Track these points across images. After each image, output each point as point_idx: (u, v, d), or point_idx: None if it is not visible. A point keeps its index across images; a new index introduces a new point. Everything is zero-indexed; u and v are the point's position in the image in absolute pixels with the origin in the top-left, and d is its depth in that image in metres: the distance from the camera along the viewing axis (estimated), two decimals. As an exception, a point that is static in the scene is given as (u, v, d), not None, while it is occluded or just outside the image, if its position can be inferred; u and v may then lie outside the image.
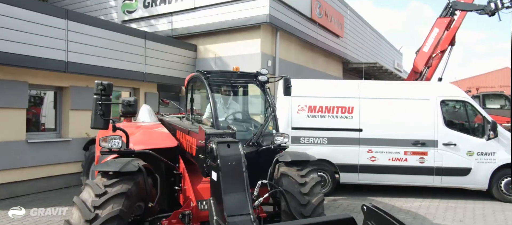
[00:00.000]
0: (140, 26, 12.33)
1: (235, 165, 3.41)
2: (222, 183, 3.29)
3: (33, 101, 8.48)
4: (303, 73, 12.33)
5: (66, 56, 7.77)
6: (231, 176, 3.36)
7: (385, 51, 22.97)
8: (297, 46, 12.42)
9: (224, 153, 3.43)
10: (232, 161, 3.42)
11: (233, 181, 3.35)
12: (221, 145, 3.47)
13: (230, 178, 3.35)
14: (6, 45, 6.86)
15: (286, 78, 5.38)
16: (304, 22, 12.09)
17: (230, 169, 3.38)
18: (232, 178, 3.36)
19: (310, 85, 8.25)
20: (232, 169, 3.39)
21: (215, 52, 11.25)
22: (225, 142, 3.52)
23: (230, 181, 3.34)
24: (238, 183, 3.35)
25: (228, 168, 3.37)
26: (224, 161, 3.38)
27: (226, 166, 3.36)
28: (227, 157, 3.41)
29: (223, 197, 3.23)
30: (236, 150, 3.51)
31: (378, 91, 8.04)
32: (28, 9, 7.16)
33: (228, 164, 3.38)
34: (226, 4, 10.62)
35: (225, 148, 3.48)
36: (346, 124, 7.83)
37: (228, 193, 3.27)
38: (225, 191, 3.27)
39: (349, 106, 7.87)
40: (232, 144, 3.54)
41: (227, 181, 3.33)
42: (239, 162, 3.43)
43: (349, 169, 7.83)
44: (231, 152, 3.47)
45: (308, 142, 7.84)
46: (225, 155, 3.42)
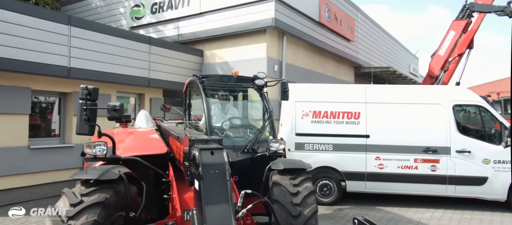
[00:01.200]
0: (148, 32, 12.36)
1: (218, 173, 3.20)
2: (203, 193, 3.08)
3: (44, 107, 8.54)
4: (312, 78, 12.06)
5: (69, 62, 7.77)
6: (213, 185, 3.15)
7: (400, 55, 22.42)
8: (305, 50, 12.17)
9: (206, 160, 3.22)
10: (215, 169, 3.21)
11: (215, 191, 3.14)
12: (204, 152, 3.27)
13: (213, 188, 3.14)
14: (8, 51, 6.90)
15: (283, 82, 5.17)
16: (312, 26, 11.85)
17: (213, 178, 3.17)
18: (214, 188, 3.14)
19: (314, 89, 7.99)
20: (215, 178, 3.17)
21: (221, 57, 11.13)
22: (208, 149, 3.31)
23: (212, 190, 3.13)
24: (221, 193, 3.14)
25: (211, 177, 3.16)
26: (206, 169, 3.17)
27: (208, 175, 3.16)
28: (209, 165, 3.20)
29: (203, 207, 3.02)
30: (220, 157, 3.30)
31: (386, 95, 7.70)
32: (31, 15, 7.20)
33: (211, 173, 3.17)
34: (231, 9, 10.50)
35: (208, 155, 3.27)
36: (352, 130, 7.51)
37: (210, 204, 3.06)
38: (207, 201, 3.06)
39: (355, 111, 7.56)
40: (216, 151, 3.33)
41: (209, 190, 3.12)
42: (222, 170, 3.22)
43: (356, 177, 7.50)
44: (214, 160, 3.26)
45: (312, 148, 7.57)
46: (208, 162, 3.21)
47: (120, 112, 3.97)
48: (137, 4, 12.65)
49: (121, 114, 3.98)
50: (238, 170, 4.77)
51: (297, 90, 7.90)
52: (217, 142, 3.60)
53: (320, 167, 7.55)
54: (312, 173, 7.42)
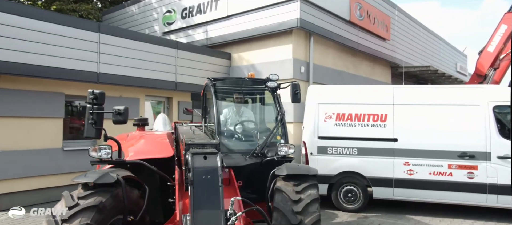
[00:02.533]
0: (178, 37, 12.66)
1: (210, 179, 3.12)
2: (193, 198, 3.02)
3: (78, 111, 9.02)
4: (343, 79, 11.65)
5: (98, 68, 8.12)
6: (204, 190, 3.07)
7: (445, 53, 21.04)
8: (335, 50, 11.79)
9: (198, 165, 3.16)
10: (207, 174, 3.13)
11: (206, 196, 3.06)
12: (197, 157, 3.21)
13: (203, 193, 3.07)
14: (44, 59, 7.35)
15: (294, 84, 4.99)
16: (342, 25, 11.45)
17: (204, 183, 3.09)
18: (205, 193, 3.07)
19: (338, 91, 7.68)
20: (207, 183, 3.10)
21: (248, 60, 11.10)
22: (201, 154, 3.24)
23: (203, 196, 3.05)
24: (211, 199, 3.05)
25: (202, 182, 3.09)
26: (198, 174, 3.11)
27: (199, 180, 3.09)
28: (201, 170, 3.13)
29: (193, 214, 2.96)
30: (213, 162, 3.21)
31: (416, 96, 7.21)
32: (63, 24, 7.62)
33: (202, 178, 3.10)
34: (257, 11, 10.44)
35: (200, 160, 3.21)
36: (378, 133, 7.11)
37: (200, 210, 2.98)
38: (197, 207, 2.99)
39: (382, 113, 7.16)
40: (210, 156, 3.25)
41: (200, 196, 3.05)
42: (214, 175, 3.13)
43: (383, 183, 7.08)
44: (207, 164, 3.19)
45: (336, 152, 7.26)
46: (199, 167, 3.15)
47: (124, 116, 4.03)
48: (169, 10, 13.00)
49: (125, 118, 4.04)
50: (247, 175, 4.68)
51: (320, 91, 7.67)
52: (213, 147, 3.52)
53: (344, 172, 7.23)
54: (336, 178, 7.18)
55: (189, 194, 3.12)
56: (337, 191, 7.28)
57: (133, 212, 3.62)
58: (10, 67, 6.90)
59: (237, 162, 4.48)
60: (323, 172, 7.26)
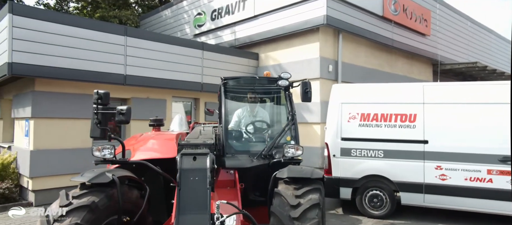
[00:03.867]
0: (208, 39, 12.81)
1: (198, 180, 3.01)
2: (178, 201, 2.93)
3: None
4: (376, 78, 11.08)
5: (125, 70, 8.40)
6: (191, 193, 2.97)
7: (496, 48, 19.35)
8: (367, 48, 11.25)
9: (186, 166, 3.07)
10: (195, 176, 3.02)
11: (193, 199, 2.96)
12: (186, 157, 3.12)
13: (190, 195, 2.97)
14: (77, 63, 7.73)
15: (304, 82, 4.76)
16: (374, 21, 10.90)
17: (191, 185, 2.99)
18: (192, 196, 2.96)
19: (362, 90, 7.28)
20: (194, 186, 2.99)
21: (276, 59, 10.93)
22: (191, 154, 3.15)
23: (189, 198, 2.95)
24: (198, 202, 2.94)
25: (189, 184, 2.99)
26: (185, 175, 3.01)
27: (186, 181, 2.99)
28: (189, 171, 3.03)
29: (178, 217, 2.87)
30: (202, 163, 3.10)
31: (450, 94, 6.62)
32: (93, 29, 7.97)
33: (190, 179, 3.00)
34: (284, 9, 10.25)
35: (189, 160, 3.11)
36: (407, 134, 6.62)
37: (185, 214, 2.88)
38: (182, 210, 2.89)
39: (410, 113, 6.66)
40: (200, 156, 3.14)
41: (186, 198, 2.95)
42: (203, 177, 3.02)
43: (412, 188, 6.58)
44: (195, 166, 3.08)
45: (360, 154, 6.87)
46: (187, 168, 3.05)
47: (126, 116, 4.05)
48: (199, 12, 13.20)
49: (127, 118, 4.06)
50: (255, 177, 4.53)
51: (343, 90, 7.31)
52: (207, 147, 3.42)
53: (370, 175, 6.82)
54: (360, 182, 6.81)
55: (175, 196, 3.04)
56: (362, 196, 6.88)
57: (131, 212, 3.61)
58: (45, 71, 7.34)
59: (242, 163, 4.36)
60: (346, 175, 6.94)
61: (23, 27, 7.01)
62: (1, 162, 8.22)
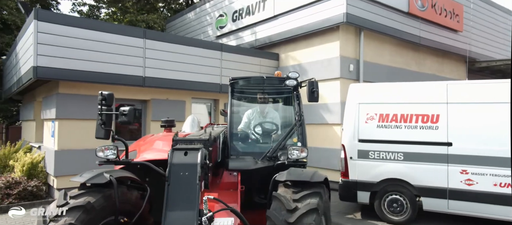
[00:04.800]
0: (229, 40, 12.84)
1: (187, 176, 2.94)
2: (167, 196, 2.87)
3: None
4: (402, 77, 10.61)
5: (144, 72, 8.56)
6: (180, 188, 2.91)
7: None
8: (392, 46, 10.79)
9: (177, 161, 3.01)
10: (185, 171, 2.96)
11: (182, 195, 2.89)
12: (177, 153, 3.07)
13: (179, 191, 2.90)
14: (98, 66, 7.98)
15: (311, 82, 4.60)
16: (399, 18, 10.43)
17: (181, 181, 2.93)
18: (181, 191, 2.90)
19: (381, 89, 6.96)
20: (183, 181, 2.93)
21: (296, 59, 10.75)
22: (182, 149, 3.09)
23: (178, 194, 2.89)
24: (187, 198, 2.86)
25: (178, 179, 2.93)
26: (175, 171, 2.96)
27: (176, 177, 2.94)
28: (179, 166, 2.98)
29: (166, 212, 2.81)
30: (193, 158, 3.03)
31: (476, 93, 6.17)
32: (112, 32, 8.19)
33: (180, 175, 2.95)
34: (303, 8, 10.06)
35: (180, 156, 3.06)
36: (428, 136, 6.25)
37: (174, 209, 2.82)
38: (170, 206, 2.84)
39: (433, 113, 6.28)
40: (191, 152, 3.08)
41: (175, 194, 2.89)
42: (193, 173, 2.94)
43: (435, 193, 6.19)
44: (186, 161, 3.02)
45: (378, 157, 6.57)
46: (177, 163, 2.99)
47: (129, 116, 4.08)
48: (221, 14, 13.27)
49: (130, 119, 4.09)
50: (260, 179, 4.43)
51: (361, 90, 7.03)
52: (201, 143, 3.35)
53: (389, 179, 6.50)
54: (379, 186, 6.51)
55: (165, 192, 2.99)
56: (381, 200, 6.58)
57: (130, 213, 3.62)
58: (68, 74, 7.62)
59: (245, 165, 4.27)
60: (364, 179, 6.67)
61: (47, 32, 7.32)
62: (31, 161, 8.64)
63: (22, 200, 7.58)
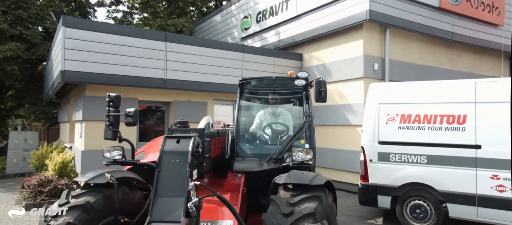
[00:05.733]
0: (254, 41, 12.83)
1: (178, 163, 2.92)
2: (156, 183, 2.85)
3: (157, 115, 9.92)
4: (433, 75, 10.03)
5: (165, 74, 8.74)
6: (170, 175, 2.88)
7: None
8: (422, 43, 10.25)
9: (168, 148, 2.99)
10: (175, 158, 2.94)
11: (171, 182, 2.87)
12: (169, 140, 3.06)
13: (169, 178, 2.88)
14: (121, 69, 8.27)
15: (318, 81, 4.42)
16: (429, 14, 9.88)
17: (172, 168, 2.91)
18: (171, 178, 2.87)
19: (403, 88, 6.60)
20: (174, 168, 2.90)
21: (319, 59, 10.51)
22: (175, 137, 3.08)
23: (168, 181, 2.87)
24: (177, 184, 2.83)
25: (169, 166, 2.91)
26: (166, 158, 2.94)
27: (166, 163, 2.91)
28: (170, 153, 2.95)
29: (154, 199, 2.80)
30: (184, 146, 2.99)
31: (507, 92, 5.67)
32: (135, 36, 8.44)
33: (170, 162, 2.92)
34: (326, 7, 9.82)
35: (172, 143, 3.04)
36: (454, 138, 5.84)
37: (163, 196, 2.80)
38: (160, 193, 2.82)
39: (459, 114, 5.86)
40: (183, 140, 3.05)
41: (165, 180, 2.87)
42: (183, 160, 2.90)
43: (462, 199, 5.76)
44: (177, 148, 2.99)
45: (400, 160, 6.24)
46: (169, 150, 2.97)
47: (134, 118, 4.12)
48: (246, 15, 13.29)
49: (135, 120, 4.13)
50: (265, 181, 4.33)
51: (381, 90, 6.72)
52: (197, 132, 3.32)
53: (411, 183, 6.14)
54: (400, 190, 6.19)
55: (154, 179, 2.98)
56: (402, 206, 6.23)
57: (132, 213, 3.66)
58: (93, 78, 7.96)
59: (251, 167, 4.19)
60: (384, 183, 6.36)
61: (73, 38, 7.68)
62: (62, 161, 9.09)
63: (53, 198, 7.99)
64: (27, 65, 15.46)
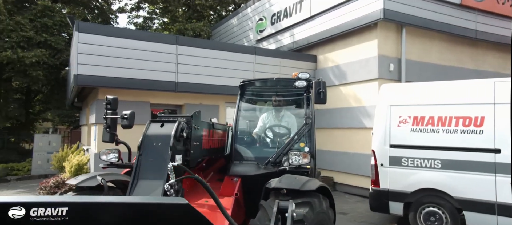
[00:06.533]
0: (269, 43, 12.73)
1: (160, 146, 2.84)
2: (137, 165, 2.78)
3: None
4: (455, 76, 9.53)
5: (176, 77, 8.78)
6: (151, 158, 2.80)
7: None
8: (441, 42, 9.79)
9: (151, 132, 2.93)
10: (158, 141, 2.86)
11: (152, 165, 2.79)
12: (153, 124, 2.99)
13: (150, 161, 2.80)
14: (133, 72, 8.37)
15: (317, 82, 4.24)
16: (449, 11, 9.44)
17: (153, 151, 2.83)
18: (152, 161, 2.79)
19: (415, 89, 6.29)
20: (155, 151, 2.82)
21: (334, 60, 10.26)
22: (159, 121, 3.01)
23: (148, 164, 2.79)
24: (156, 168, 2.75)
25: (151, 149, 2.84)
26: (148, 141, 2.87)
27: (148, 147, 2.84)
28: (152, 136, 2.88)
29: (134, 181, 2.72)
30: (168, 129, 2.91)
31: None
32: (146, 40, 8.53)
33: (152, 145, 2.85)
34: (339, 7, 9.59)
35: (156, 127, 2.98)
36: (471, 141, 5.48)
37: (143, 178, 2.73)
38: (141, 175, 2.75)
39: (476, 116, 5.49)
40: (168, 124, 2.98)
41: (146, 163, 2.80)
42: (165, 143, 2.82)
43: (480, 207, 5.39)
44: (160, 132, 2.91)
45: (412, 164, 5.93)
46: (151, 134, 2.91)
47: (130, 120, 4.11)
48: (261, 17, 13.22)
49: (131, 123, 4.11)
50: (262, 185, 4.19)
51: (393, 91, 6.43)
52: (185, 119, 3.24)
53: (425, 189, 5.82)
54: (413, 196, 5.90)
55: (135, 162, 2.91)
56: (416, 213, 5.90)
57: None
58: (105, 81, 8.11)
59: (246, 171, 4.08)
60: (396, 188, 6.07)
61: (86, 42, 7.85)
62: (77, 163, 9.31)
63: (67, 199, 8.19)
64: (52, 70, 16.06)
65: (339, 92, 9.89)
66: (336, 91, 10.01)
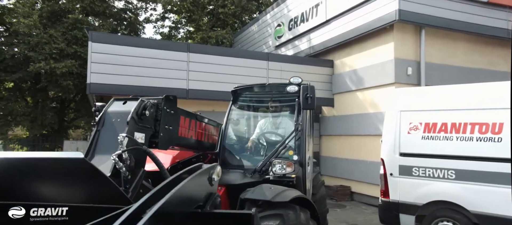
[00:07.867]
0: (287, 49, 12.55)
1: (119, 123, 2.71)
2: (96, 141, 2.67)
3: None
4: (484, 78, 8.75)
5: (187, 85, 8.82)
6: (109, 133, 2.68)
7: None
8: (468, 43, 9.15)
9: (113, 108, 2.82)
10: (117, 118, 2.74)
11: (108, 140, 2.66)
12: (117, 101, 2.89)
13: (107, 136, 2.69)
14: (143, 80, 8.51)
15: (305, 86, 4.03)
16: (475, 10, 8.80)
17: (112, 127, 2.69)
18: (109, 137, 2.67)
19: (427, 93, 5.86)
20: (113, 127, 2.69)
21: (350, 65, 9.90)
22: (122, 99, 2.91)
23: (106, 139, 2.68)
24: (112, 143, 2.62)
25: (109, 125, 2.70)
26: (108, 117, 2.73)
27: (108, 123, 2.69)
28: (113, 113, 2.77)
29: (89, 157, 2.61)
30: (129, 106, 2.80)
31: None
32: (158, 48, 8.66)
33: (111, 121, 2.73)
34: (354, 9, 9.25)
35: (118, 104, 2.87)
36: (489, 150, 4.98)
37: (98, 153, 2.61)
38: (96, 151, 2.62)
39: (494, 122, 5.00)
40: (130, 101, 2.87)
41: (103, 138, 2.68)
42: (124, 120, 2.71)
43: (499, 223, 4.87)
44: (121, 108, 2.79)
45: (424, 174, 5.49)
46: (112, 110, 2.80)
47: None
48: (279, 23, 13.09)
49: None
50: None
51: (403, 95, 6.04)
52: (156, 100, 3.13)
53: (438, 201, 5.36)
54: (425, 209, 5.48)
55: (92, 138, 2.81)
56: (428, 227, 5.45)
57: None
58: (117, 89, 8.27)
59: (231, 179, 3.92)
60: (407, 200, 5.65)
61: (99, 51, 8.09)
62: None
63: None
64: (82, 80, 16.81)
65: (356, 98, 9.50)
66: (353, 97, 9.62)
